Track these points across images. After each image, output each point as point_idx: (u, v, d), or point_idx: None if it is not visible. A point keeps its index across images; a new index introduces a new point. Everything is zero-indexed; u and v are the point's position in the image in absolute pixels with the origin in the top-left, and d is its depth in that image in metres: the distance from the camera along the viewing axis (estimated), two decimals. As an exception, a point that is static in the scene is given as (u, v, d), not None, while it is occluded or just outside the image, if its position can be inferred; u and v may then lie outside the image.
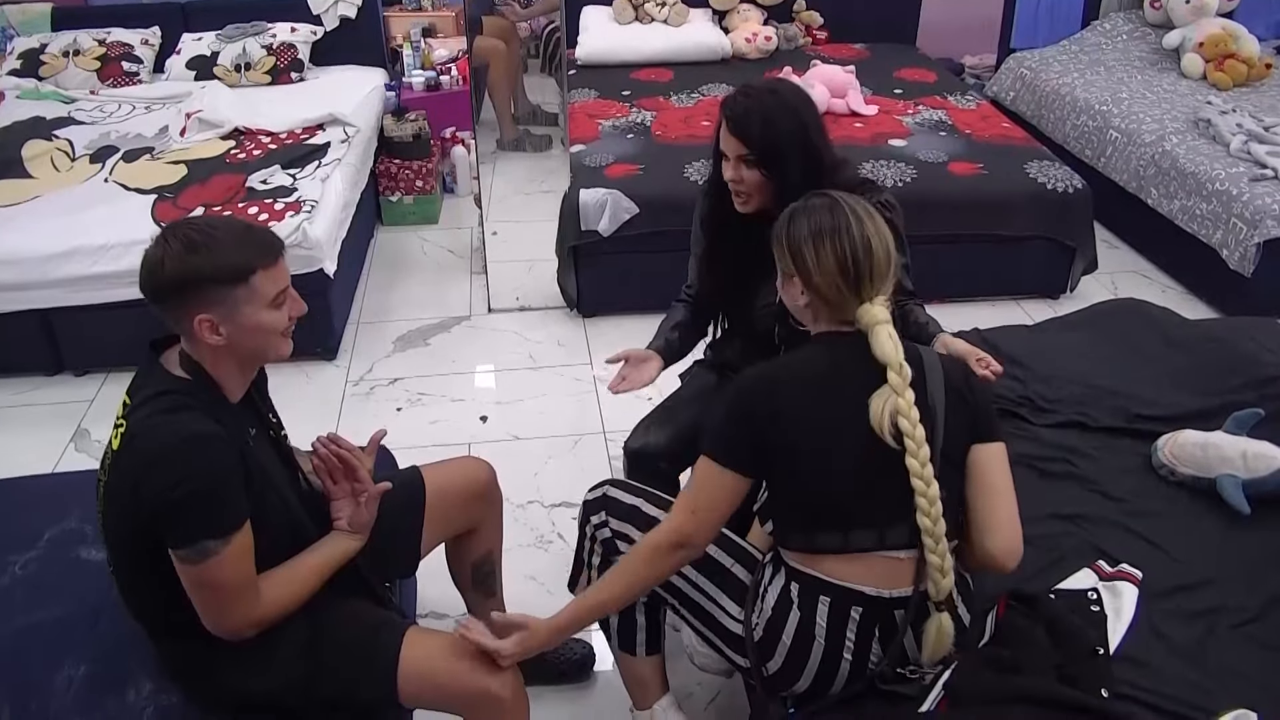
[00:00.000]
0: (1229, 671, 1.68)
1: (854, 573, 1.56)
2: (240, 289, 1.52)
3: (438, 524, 1.98)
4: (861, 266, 1.53)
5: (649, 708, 1.93)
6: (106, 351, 3.42)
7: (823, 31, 5.37)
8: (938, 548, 1.51)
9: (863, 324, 1.54)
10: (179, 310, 1.53)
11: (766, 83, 2.02)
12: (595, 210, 3.54)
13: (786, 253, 1.60)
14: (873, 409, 1.50)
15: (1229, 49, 4.69)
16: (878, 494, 1.54)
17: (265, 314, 1.56)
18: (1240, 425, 2.15)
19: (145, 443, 1.49)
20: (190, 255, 1.49)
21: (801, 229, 1.58)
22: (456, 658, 1.67)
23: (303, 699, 1.63)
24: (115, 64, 4.58)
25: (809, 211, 1.59)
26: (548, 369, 3.50)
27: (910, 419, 1.48)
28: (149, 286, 1.53)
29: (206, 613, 1.54)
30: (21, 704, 1.65)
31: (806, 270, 1.56)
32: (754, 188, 1.94)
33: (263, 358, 1.64)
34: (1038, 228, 3.72)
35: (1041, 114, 4.83)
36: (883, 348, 1.51)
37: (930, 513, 1.49)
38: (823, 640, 1.58)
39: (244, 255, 1.53)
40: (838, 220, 1.56)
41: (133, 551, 1.57)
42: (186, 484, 1.45)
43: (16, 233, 3.25)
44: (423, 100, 4.73)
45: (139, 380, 1.60)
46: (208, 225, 1.57)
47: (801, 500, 1.58)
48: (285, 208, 3.35)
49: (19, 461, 2.93)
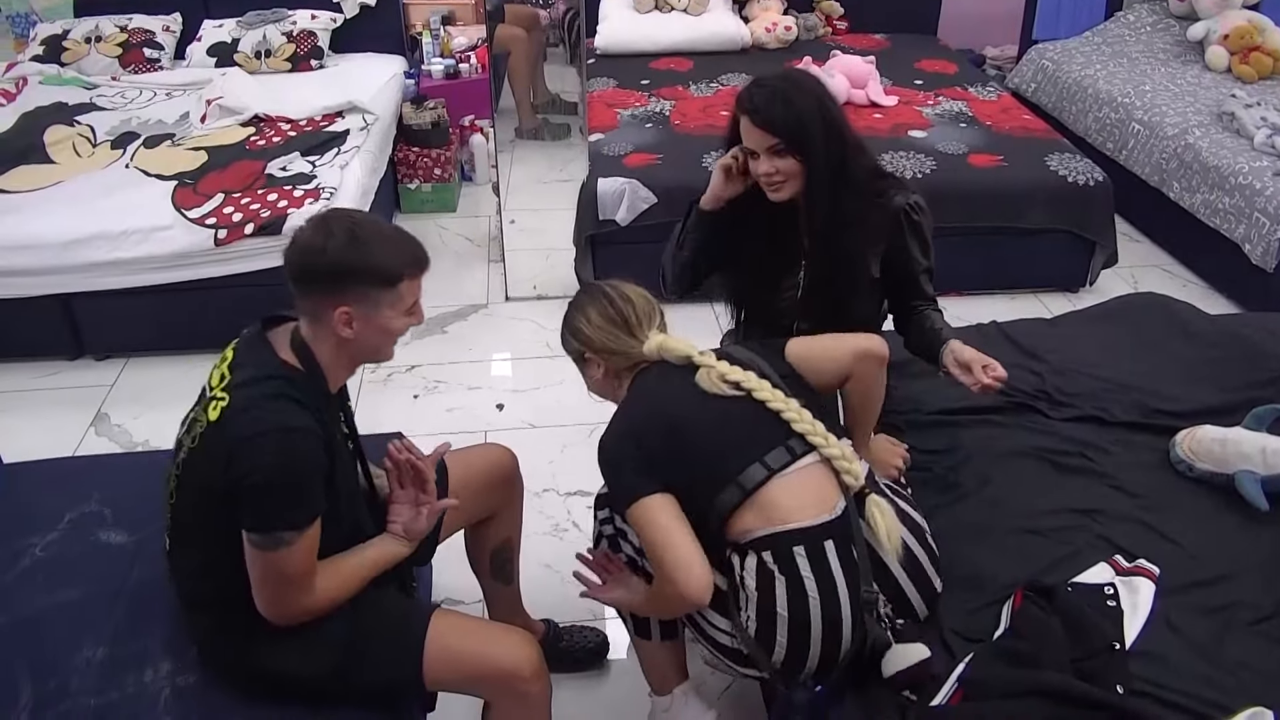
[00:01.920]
0: (1245, 668, 1.67)
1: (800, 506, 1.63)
2: (387, 292, 1.56)
3: (459, 510, 1.98)
4: (627, 315, 1.77)
5: (668, 693, 1.94)
6: (127, 336, 3.45)
7: (843, 21, 5.35)
8: (828, 441, 1.67)
9: (651, 355, 1.76)
10: (324, 298, 1.55)
11: (775, 73, 2.01)
12: (613, 199, 3.54)
13: (571, 339, 1.83)
14: (703, 384, 1.70)
15: (1254, 41, 4.64)
16: (743, 437, 1.68)
17: (398, 320, 1.61)
18: (1260, 421, 2.14)
19: (244, 423, 1.50)
20: (354, 248, 1.52)
21: (570, 315, 1.84)
22: (481, 640, 1.68)
23: (333, 683, 1.64)
24: (137, 50, 4.60)
25: (574, 304, 1.85)
26: (564, 358, 3.45)
27: (735, 371, 1.70)
28: (302, 268, 1.54)
29: (263, 596, 1.56)
30: (41, 683, 1.67)
31: (585, 337, 1.79)
32: (789, 174, 1.92)
33: (373, 358, 1.67)
34: (1058, 220, 3.70)
35: (1063, 106, 4.80)
36: (676, 351, 1.74)
37: (802, 417, 1.67)
38: (816, 596, 1.60)
39: (400, 260, 1.57)
40: (592, 293, 1.83)
41: (200, 523, 1.59)
42: (276, 472, 1.47)
43: (38, 218, 3.27)
44: (442, 88, 4.73)
45: (243, 355, 1.60)
46: (371, 223, 1.59)
47: (701, 484, 1.66)
48: (304, 194, 3.36)
49: (40, 444, 2.96)
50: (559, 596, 2.41)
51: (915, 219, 2.00)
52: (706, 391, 1.69)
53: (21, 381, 3.37)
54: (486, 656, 1.67)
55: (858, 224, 1.97)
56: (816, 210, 1.94)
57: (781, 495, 1.64)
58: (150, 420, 3.17)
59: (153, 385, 3.34)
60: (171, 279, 3.27)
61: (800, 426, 1.66)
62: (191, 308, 3.36)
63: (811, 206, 1.94)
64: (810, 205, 1.94)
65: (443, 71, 4.81)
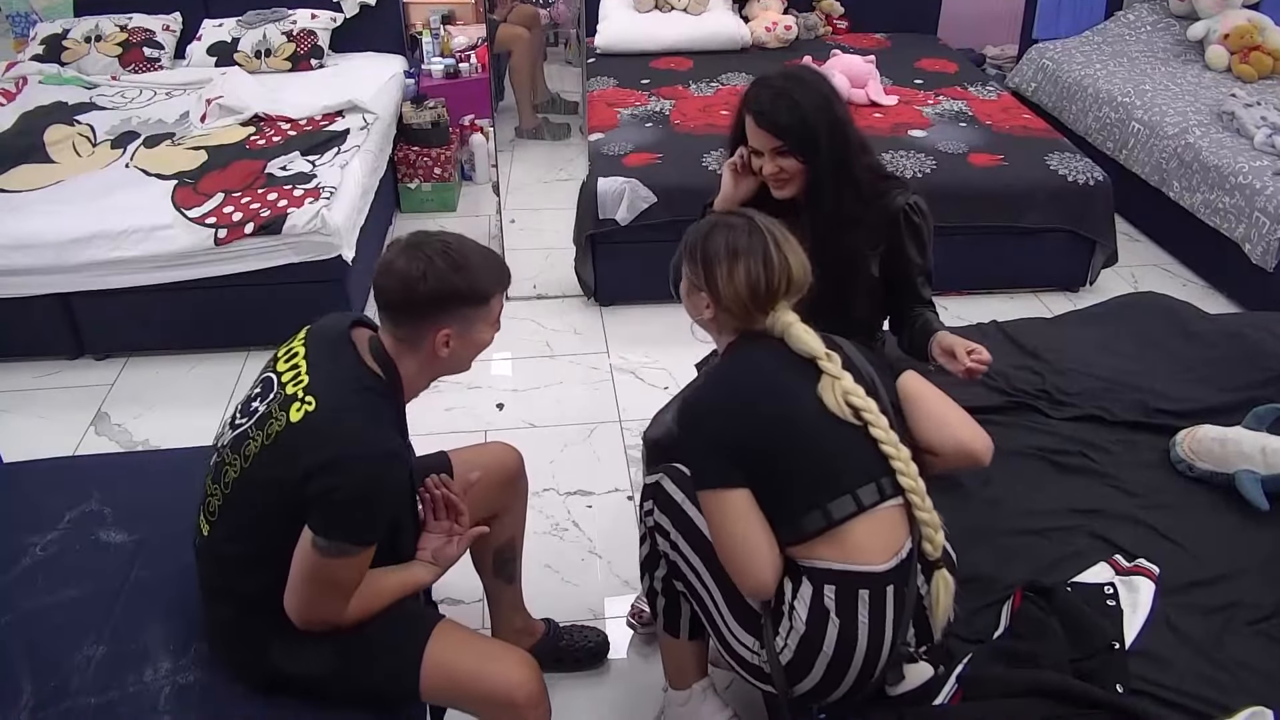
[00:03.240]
0: (1245, 668, 1.67)
1: (871, 546, 1.55)
2: (481, 309, 1.60)
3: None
4: (775, 288, 1.60)
5: (687, 688, 1.94)
6: (127, 336, 3.45)
7: (843, 21, 5.35)
8: (924, 503, 1.57)
9: (775, 331, 1.62)
10: (426, 322, 1.57)
11: (783, 71, 2.00)
12: (613, 199, 3.54)
13: (699, 267, 1.64)
14: (826, 399, 1.57)
15: (1254, 41, 4.64)
16: (841, 465, 1.57)
17: (488, 334, 1.65)
18: (1260, 421, 2.14)
19: (344, 438, 1.50)
20: (454, 274, 1.55)
21: (718, 247, 1.62)
22: (481, 659, 1.67)
23: (333, 684, 1.64)
24: (137, 50, 4.59)
25: (729, 229, 1.64)
26: (564, 357, 3.50)
27: (859, 394, 1.57)
28: (404, 297, 1.56)
29: (301, 596, 1.56)
30: (42, 682, 1.67)
31: (716, 288, 1.62)
32: (793, 174, 1.93)
33: (456, 371, 1.69)
34: (1058, 220, 3.69)
35: (1063, 105, 4.80)
36: (803, 343, 1.60)
37: (909, 472, 1.56)
38: (864, 641, 1.55)
39: (490, 278, 1.61)
40: (754, 242, 1.61)
41: (259, 518, 1.58)
42: (365, 493, 1.49)
43: (38, 217, 3.27)
44: (442, 87, 4.73)
45: (325, 355, 1.61)
46: (461, 244, 1.61)
47: (785, 495, 1.58)
48: (304, 194, 3.35)
49: (40, 444, 2.96)
50: (559, 596, 2.41)
51: (915, 220, 2.00)
52: (822, 401, 1.58)
53: (21, 381, 3.37)
54: (483, 677, 1.65)
55: (858, 224, 1.97)
56: (818, 210, 1.94)
57: (862, 534, 1.56)
58: (150, 420, 3.17)
59: (153, 385, 3.34)
60: (171, 278, 3.27)
61: (904, 481, 1.57)
62: (191, 307, 3.36)
63: (813, 206, 1.94)
64: (812, 205, 1.94)
65: (443, 71, 4.81)
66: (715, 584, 1.70)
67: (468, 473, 1.90)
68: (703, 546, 1.70)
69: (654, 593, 1.87)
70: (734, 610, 1.67)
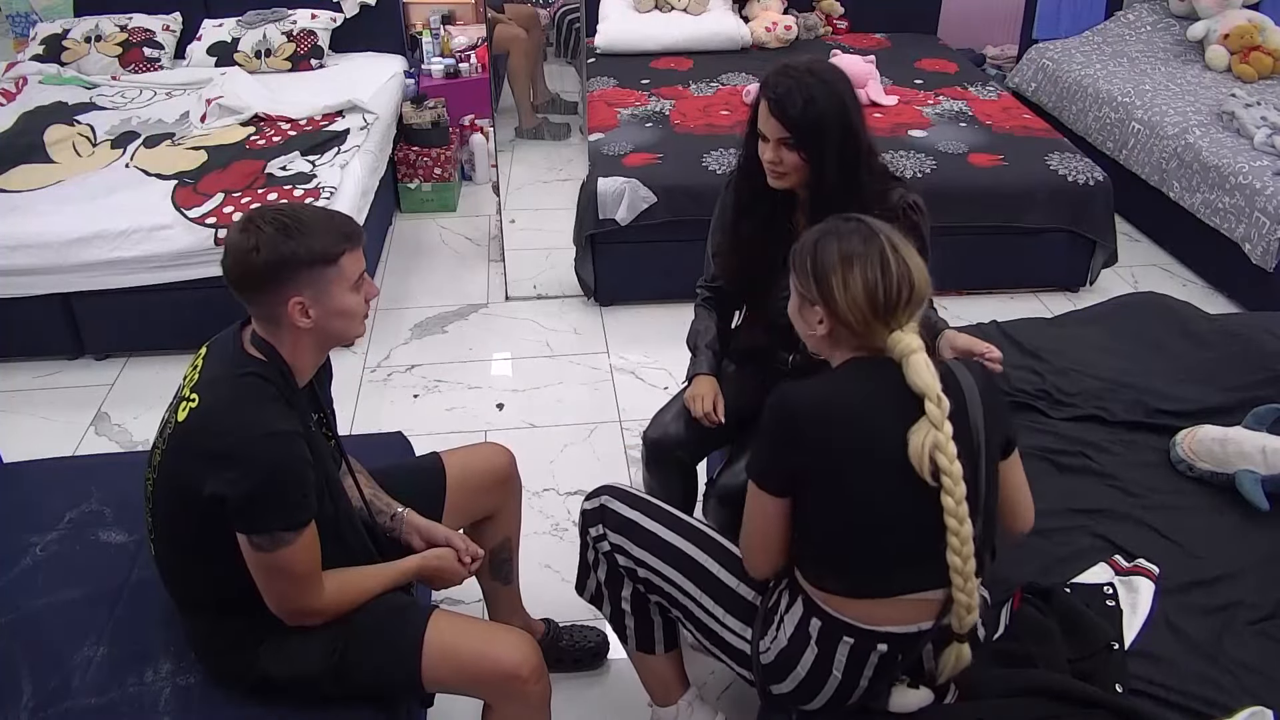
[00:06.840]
0: (1245, 668, 1.67)
1: (882, 614, 1.48)
2: (330, 269, 1.55)
3: (457, 510, 1.98)
4: (895, 299, 1.44)
5: (673, 704, 1.93)
6: (127, 336, 3.45)
7: (843, 21, 5.35)
8: (966, 585, 1.43)
9: (895, 353, 1.44)
10: (273, 294, 1.54)
11: (806, 63, 1.95)
12: (613, 199, 3.54)
13: (811, 279, 1.48)
14: (912, 444, 1.40)
15: (1254, 41, 4.64)
16: (910, 530, 1.45)
17: (349, 296, 1.59)
18: (1260, 421, 2.14)
19: (226, 427, 1.50)
20: (285, 239, 1.51)
21: (830, 254, 1.47)
22: (480, 640, 1.68)
23: (331, 685, 1.64)
24: (137, 50, 4.60)
25: (840, 235, 1.48)
26: (564, 357, 3.50)
27: (948, 454, 1.38)
28: (241, 273, 1.53)
29: (273, 595, 1.57)
30: (42, 683, 1.67)
31: (832, 298, 1.45)
32: (792, 168, 1.92)
33: (342, 339, 1.66)
34: (1058, 220, 3.69)
35: (1063, 105, 4.80)
36: (920, 377, 1.41)
37: (962, 552, 1.41)
38: (839, 675, 1.52)
39: (332, 237, 1.56)
40: (870, 248, 1.45)
41: (183, 528, 1.59)
42: (266, 478, 1.48)
43: (39, 217, 3.27)
44: (442, 87, 4.73)
45: (215, 354, 1.61)
46: (292, 210, 1.58)
47: (839, 534, 1.48)
48: (304, 194, 3.36)
49: (40, 444, 2.96)
50: (559, 596, 2.41)
51: (913, 219, 2.00)
52: (903, 449, 1.41)
53: (21, 381, 3.37)
54: (485, 656, 1.66)
55: None
56: (819, 210, 1.93)
57: (883, 606, 1.49)
58: (150, 420, 3.16)
59: (153, 385, 3.34)
60: (172, 278, 3.27)
61: (953, 560, 1.42)
62: (191, 307, 3.35)
63: (815, 206, 1.94)
64: (813, 205, 1.94)
65: (443, 71, 4.81)
66: (695, 585, 1.69)
67: (456, 488, 1.97)
68: (669, 553, 1.71)
69: (620, 614, 1.86)
70: (723, 602, 1.67)
